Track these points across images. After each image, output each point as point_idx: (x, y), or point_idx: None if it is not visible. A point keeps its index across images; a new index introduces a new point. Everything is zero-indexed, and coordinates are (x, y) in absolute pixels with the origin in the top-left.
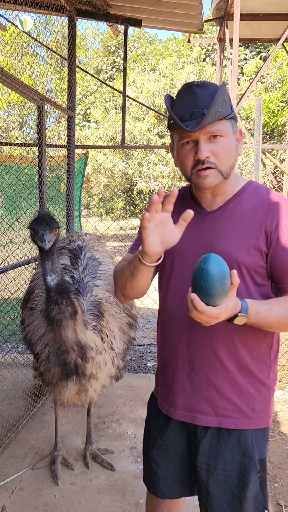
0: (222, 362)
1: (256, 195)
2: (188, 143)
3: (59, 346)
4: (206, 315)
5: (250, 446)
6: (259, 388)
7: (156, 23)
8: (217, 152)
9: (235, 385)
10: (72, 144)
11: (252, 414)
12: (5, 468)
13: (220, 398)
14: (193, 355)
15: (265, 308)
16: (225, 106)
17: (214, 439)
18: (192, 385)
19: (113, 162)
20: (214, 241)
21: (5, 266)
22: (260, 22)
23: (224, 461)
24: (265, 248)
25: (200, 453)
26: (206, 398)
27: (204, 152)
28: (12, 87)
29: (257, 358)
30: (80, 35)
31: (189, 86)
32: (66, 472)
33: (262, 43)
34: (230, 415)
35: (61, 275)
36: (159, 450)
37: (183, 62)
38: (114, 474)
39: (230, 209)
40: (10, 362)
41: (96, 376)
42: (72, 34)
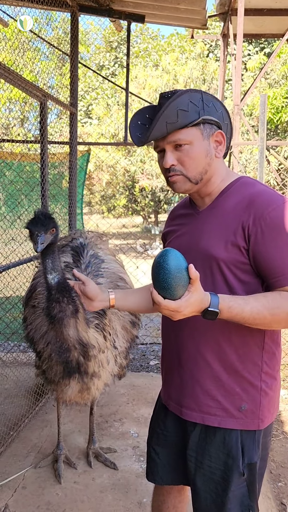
0: (205, 359)
1: (241, 191)
2: (160, 152)
3: (61, 344)
4: (165, 308)
5: (234, 448)
6: (247, 389)
7: (159, 18)
8: (182, 160)
9: (219, 383)
10: (74, 141)
11: (238, 414)
12: (7, 466)
13: (203, 395)
14: (179, 350)
15: (239, 303)
16: (182, 116)
17: (202, 434)
18: (180, 380)
19: (115, 159)
20: (200, 239)
21: (7, 264)
22: (264, 17)
23: (210, 458)
24: (243, 243)
25: (189, 446)
26: (191, 394)
27: (168, 161)
28: (14, 84)
29: (244, 357)
30: (82, 31)
31: (160, 97)
32: (69, 471)
33: (265, 39)
34: (213, 413)
35: (62, 273)
36: (158, 440)
37: (186, 58)
38: (117, 473)
39: (216, 207)
40: (12, 360)
41: (98, 374)
42: (75, 30)
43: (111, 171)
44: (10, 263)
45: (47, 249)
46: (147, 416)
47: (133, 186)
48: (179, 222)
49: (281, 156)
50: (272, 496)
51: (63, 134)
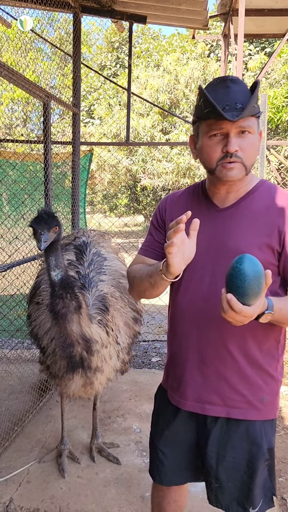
0: (232, 355)
1: (268, 194)
2: (216, 136)
3: (65, 339)
4: (242, 315)
5: (258, 436)
6: (268, 381)
7: (161, 19)
8: (244, 148)
9: (244, 377)
10: (77, 141)
11: (260, 405)
12: (12, 461)
13: (229, 390)
14: (203, 347)
15: (284, 304)
16: (257, 104)
17: (224, 428)
18: (202, 377)
19: (117, 159)
20: (227, 238)
21: (11, 263)
22: (265, 17)
23: (233, 450)
24: (277, 246)
25: (210, 442)
26: (215, 389)
27: (234, 146)
28: (17, 84)
29: (266, 352)
30: (83, 31)
31: (223, 79)
32: (73, 466)
33: (266, 39)
34: (238, 406)
35: (65, 270)
36: (166, 441)
37: (187, 58)
38: (120, 467)
39: (243, 206)
40: (16, 357)
41: (101, 369)
42: (77, 30)
43: (113, 171)
44: (14, 262)
45: (51, 247)
46: (149, 412)
47: (135, 185)
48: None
49: (281, 156)
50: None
51: (65, 134)
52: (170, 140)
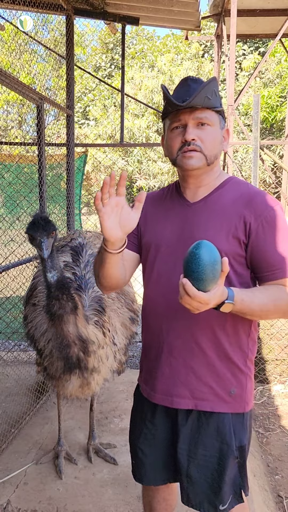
0: (200, 347)
1: (236, 189)
2: (178, 128)
3: (61, 340)
4: (197, 300)
5: (228, 434)
6: (236, 374)
7: (154, 20)
8: (203, 138)
9: (212, 370)
10: (72, 142)
11: (229, 398)
12: (9, 463)
13: (197, 382)
14: (172, 339)
15: (249, 296)
16: (214, 98)
17: (194, 426)
18: (171, 369)
19: (112, 160)
20: (195, 231)
21: (7, 265)
22: (257, 18)
23: (204, 447)
24: (243, 237)
25: (180, 439)
26: (183, 381)
27: (191, 134)
28: (11, 87)
29: (235, 345)
30: (78, 33)
31: (185, 80)
32: (70, 467)
33: (260, 39)
34: (206, 398)
35: (60, 271)
36: (145, 439)
37: (182, 58)
38: (116, 468)
39: (212, 200)
40: (13, 359)
41: (98, 369)
42: (70, 32)
43: (109, 172)
44: (10, 264)
45: None
46: None
47: (131, 186)
48: (161, 211)
49: (275, 155)
50: (269, 488)
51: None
52: None
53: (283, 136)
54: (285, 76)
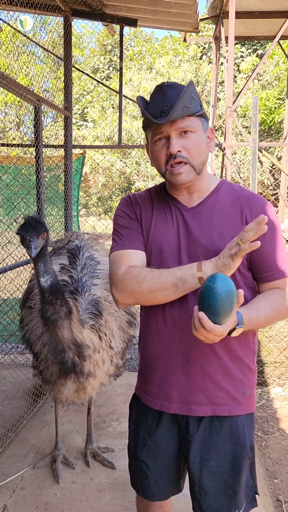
0: (215, 352)
1: (231, 191)
2: (161, 140)
3: (56, 345)
4: (213, 334)
5: (242, 435)
6: (247, 374)
7: (152, 22)
8: (188, 147)
9: (227, 373)
10: (69, 144)
11: (243, 399)
12: (6, 467)
13: (214, 387)
14: (187, 347)
15: (254, 313)
16: (193, 103)
17: (207, 431)
18: (187, 377)
19: (110, 161)
20: (199, 235)
21: (4, 267)
22: (256, 20)
23: (217, 452)
24: None
25: (192, 447)
26: (201, 388)
27: (175, 147)
28: (8, 88)
29: (244, 345)
30: (76, 34)
31: (160, 87)
32: (67, 471)
33: (258, 41)
34: (223, 403)
35: (54, 275)
36: (149, 452)
37: (180, 60)
38: (114, 472)
39: (210, 204)
40: (10, 362)
41: (94, 374)
42: (68, 34)
43: (107, 173)
44: (7, 266)
45: (39, 253)
46: None
47: (129, 187)
48: (159, 214)
49: (273, 157)
50: (269, 492)
51: (58, 137)
52: None
53: (281, 138)
54: (283, 78)
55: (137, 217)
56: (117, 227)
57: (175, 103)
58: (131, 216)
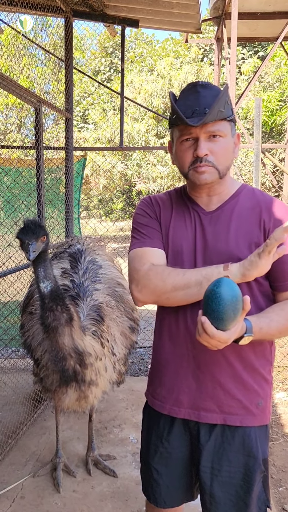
0: (227, 359)
1: (251, 196)
2: (188, 140)
3: (57, 353)
4: (216, 340)
5: (254, 447)
6: (262, 384)
7: (154, 23)
8: (215, 151)
9: (240, 382)
10: (70, 146)
11: (256, 410)
12: (5, 476)
13: (225, 395)
14: (198, 352)
15: (266, 322)
16: (226, 108)
17: (218, 441)
18: (198, 383)
19: (111, 164)
20: (216, 240)
21: (4, 271)
22: (258, 21)
23: (229, 463)
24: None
25: (203, 457)
26: (211, 395)
27: (203, 150)
28: (8, 89)
29: (260, 355)
30: (77, 36)
31: (193, 85)
32: (68, 479)
33: (259, 42)
34: (235, 412)
35: (54, 281)
36: (161, 458)
37: (181, 62)
38: (116, 480)
39: (229, 209)
40: (10, 367)
41: (96, 382)
42: (69, 35)
43: (108, 175)
44: (7, 270)
45: (39, 258)
46: None
47: (130, 190)
48: (177, 216)
49: (276, 159)
50: (274, 501)
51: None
52: (165, 145)
53: (283, 140)
54: (284, 80)
55: (157, 217)
56: (137, 226)
57: (208, 104)
58: (151, 216)
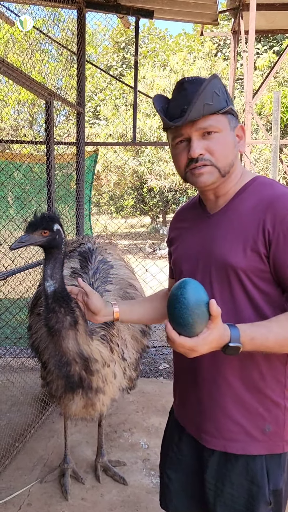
0: (225, 378)
1: (258, 192)
2: (182, 142)
3: (60, 357)
4: (178, 346)
5: (259, 474)
6: (270, 408)
7: (169, 14)
8: (212, 149)
9: (241, 404)
10: (82, 141)
11: (262, 436)
12: (12, 481)
13: (224, 419)
14: (195, 367)
15: (262, 332)
16: (216, 100)
17: (221, 461)
18: (197, 402)
19: (123, 160)
20: (213, 246)
21: (12, 269)
22: (276, 12)
23: (231, 485)
24: (263, 249)
25: (208, 473)
26: (210, 417)
27: (196, 150)
28: (18, 82)
29: (268, 374)
30: (89, 32)
31: (181, 83)
32: (76, 486)
33: (274, 37)
34: (236, 439)
35: (60, 281)
36: (171, 463)
37: (194, 57)
38: (126, 488)
39: (231, 209)
40: (19, 366)
41: (103, 389)
42: (81, 27)
43: (119, 172)
44: (15, 269)
45: (49, 254)
46: (158, 426)
47: (141, 186)
48: (186, 226)
49: None
50: None
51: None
52: None
53: None
54: None
55: (173, 237)
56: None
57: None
58: (169, 237)
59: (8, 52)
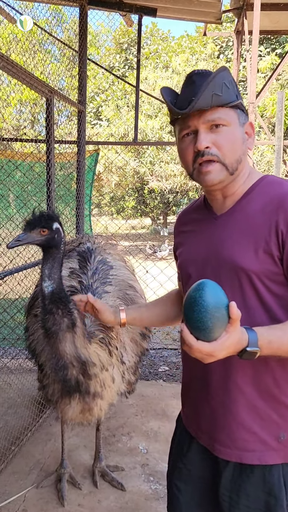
0: (236, 384)
1: (267, 191)
2: (189, 135)
3: (57, 360)
4: (196, 351)
5: (276, 485)
6: (285, 415)
7: (172, 12)
8: (219, 143)
9: (255, 411)
10: (83, 140)
11: (278, 445)
12: (7, 486)
13: (237, 427)
14: (206, 375)
15: (278, 335)
16: (226, 92)
17: (236, 471)
18: (210, 410)
19: (125, 160)
20: (222, 248)
21: (10, 269)
22: (281, 12)
23: (247, 497)
24: (277, 251)
25: (222, 484)
26: (223, 426)
27: (203, 142)
28: (18, 78)
29: (281, 379)
30: (92, 32)
31: (190, 76)
32: (73, 492)
33: (277, 40)
34: (251, 449)
35: (58, 282)
36: (180, 474)
37: (197, 59)
38: (124, 494)
39: (239, 210)
40: (16, 367)
41: (101, 394)
42: (84, 25)
43: (121, 173)
44: (13, 268)
45: (47, 254)
46: (157, 430)
47: (142, 187)
48: (192, 228)
49: None
50: None
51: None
52: None
53: None
54: None
55: (179, 242)
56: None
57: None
58: (174, 242)
59: (12, 53)
